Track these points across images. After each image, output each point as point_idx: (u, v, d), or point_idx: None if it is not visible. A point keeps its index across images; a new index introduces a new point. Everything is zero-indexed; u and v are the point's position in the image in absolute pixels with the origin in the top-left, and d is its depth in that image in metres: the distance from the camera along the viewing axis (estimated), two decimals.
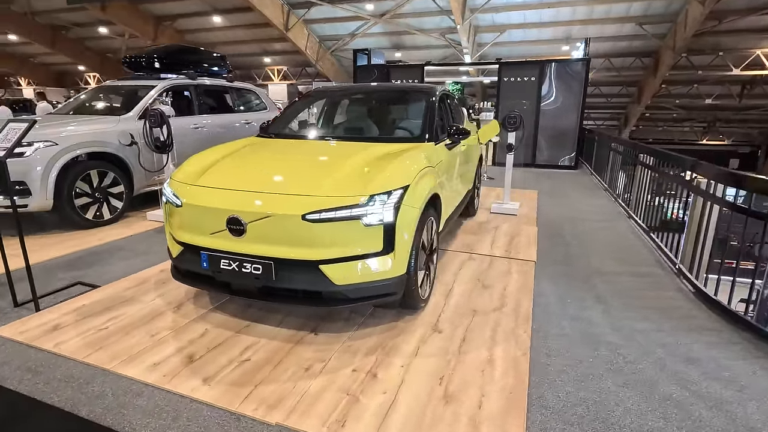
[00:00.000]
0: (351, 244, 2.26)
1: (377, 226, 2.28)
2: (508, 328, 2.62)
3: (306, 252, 2.24)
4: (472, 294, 3.09)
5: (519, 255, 3.90)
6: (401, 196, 2.37)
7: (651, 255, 3.99)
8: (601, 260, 3.83)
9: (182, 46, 7.18)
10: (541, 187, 7.32)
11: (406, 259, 2.43)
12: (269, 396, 1.98)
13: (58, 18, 18.80)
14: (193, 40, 19.35)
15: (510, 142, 5.43)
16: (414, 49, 17.29)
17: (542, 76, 9.71)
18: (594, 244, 4.30)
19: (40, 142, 4.20)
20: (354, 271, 2.29)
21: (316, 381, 2.10)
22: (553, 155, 9.97)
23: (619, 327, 2.67)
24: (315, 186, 2.33)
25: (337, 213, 2.21)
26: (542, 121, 9.87)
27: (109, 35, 19.48)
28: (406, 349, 2.38)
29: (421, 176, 2.62)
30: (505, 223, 4.97)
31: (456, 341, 2.46)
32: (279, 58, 20.27)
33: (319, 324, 2.63)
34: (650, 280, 3.41)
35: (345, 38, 17.05)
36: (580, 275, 3.48)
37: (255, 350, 2.36)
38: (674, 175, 3.93)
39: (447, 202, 3.36)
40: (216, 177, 2.53)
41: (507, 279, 3.36)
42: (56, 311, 2.77)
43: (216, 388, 2.04)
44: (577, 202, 6.20)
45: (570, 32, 14.87)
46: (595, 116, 24.11)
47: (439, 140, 3.35)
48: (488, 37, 15.63)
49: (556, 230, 4.75)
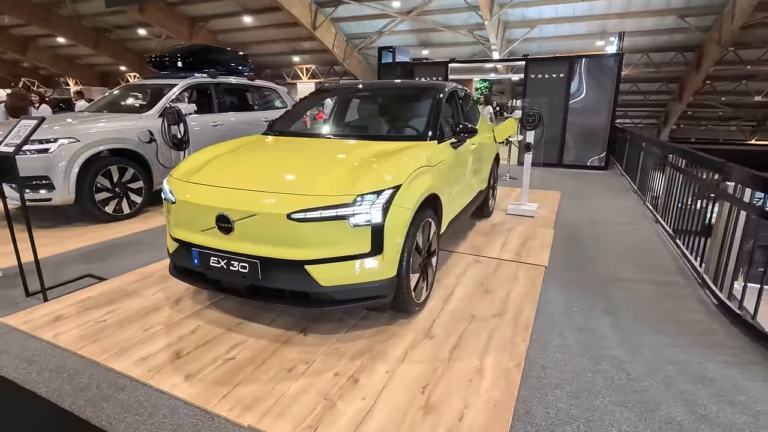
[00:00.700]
0: (337, 244, 2.21)
1: (365, 226, 2.22)
2: (505, 336, 2.50)
3: (291, 252, 2.20)
4: (473, 299, 2.98)
5: (529, 259, 3.73)
6: (391, 196, 2.30)
7: (674, 262, 3.73)
8: (618, 267, 3.61)
9: (205, 45, 7.35)
10: (565, 189, 7.03)
11: (396, 261, 2.35)
12: (247, 396, 1.96)
13: (101, 21, 19.77)
14: (225, 40, 19.89)
15: (528, 141, 5.23)
16: (441, 46, 17.07)
17: (571, 72, 9.34)
18: (613, 249, 4.06)
19: (64, 139, 4.39)
20: (340, 273, 2.24)
21: (296, 383, 2.06)
22: (581, 155, 9.57)
23: (627, 340, 2.49)
24: (302, 185, 2.29)
25: (322, 213, 2.16)
26: (571, 119, 9.50)
27: (148, 36, 20.31)
28: (394, 355, 2.30)
29: (415, 176, 2.53)
30: (520, 225, 4.78)
31: (447, 348, 2.37)
32: (308, 56, 20.51)
33: (309, 324, 2.59)
34: (669, 290, 3.18)
35: (372, 36, 17.04)
36: (593, 282, 3.29)
37: (241, 349, 2.35)
38: (699, 177, 3.65)
39: (450, 202, 3.25)
40: (209, 174, 2.54)
41: (512, 284, 3.22)
42: (62, 302, 2.87)
43: (196, 385, 2.03)
44: (602, 205, 5.90)
45: (605, 26, 14.25)
46: (633, 114, 23.03)
47: (444, 139, 3.24)
48: (518, 33, 15.21)
49: (574, 234, 4.53)
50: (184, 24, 17.92)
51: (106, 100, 5.99)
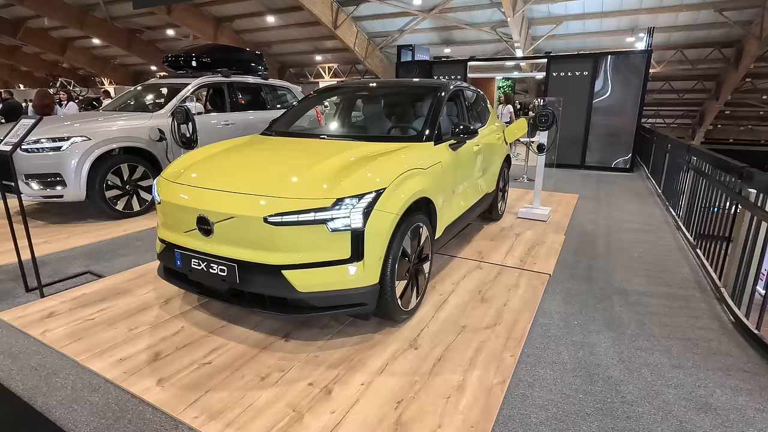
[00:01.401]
0: (315, 249, 2.14)
1: (344, 231, 2.13)
2: (495, 349, 2.36)
3: (268, 256, 2.14)
4: (467, 307, 2.85)
5: (534, 267, 3.56)
6: (373, 200, 2.20)
7: (692, 274, 3.47)
8: (630, 277, 3.39)
9: (219, 44, 7.43)
10: (584, 191, 6.74)
11: (378, 268, 2.26)
12: (215, 404, 1.91)
13: (133, 22, 20.44)
14: (250, 40, 20.22)
15: (541, 142, 5.02)
16: (464, 44, 16.78)
17: (596, 70, 8.97)
18: (626, 257, 3.83)
19: (76, 137, 4.50)
20: (319, 279, 2.16)
21: (267, 392, 2.00)
22: (605, 156, 9.19)
23: (628, 358, 2.31)
24: (281, 187, 2.22)
25: (299, 216, 2.09)
26: (594, 118, 9.14)
27: (176, 37, 20.85)
28: (373, 365, 2.21)
29: (403, 179, 2.43)
30: (529, 230, 4.59)
31: (430, 361, 2.26)
32: (330, 55, 20.58)
33: (293, 330, 2.53)
34: (683, 305, 2.95)
35: (393, 35, 16.93)
36: (599, 294, 3.10)
37: (220, 353, 2.31)
38: (720, 182, 3.38)
39: (447, 206, 3.13)
40: (194, 175, 2.51)
41: (511, 293, 3.07)
42: (57, 299, 2.92)
43: (168, 390, 2.00)
44: (621, 209, 5.62)
45: (636, 22, 13.65)
46: (666, 114, 22.01)
47: (442, 140, 3.12)
48: (543, 30, 14.76)
49: (586, 240, 4.31)
50: (209, 24, 18.29)
51: (125, 98, 6.13)
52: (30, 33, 22.80)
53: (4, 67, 29.39)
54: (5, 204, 3.04)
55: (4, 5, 19.07)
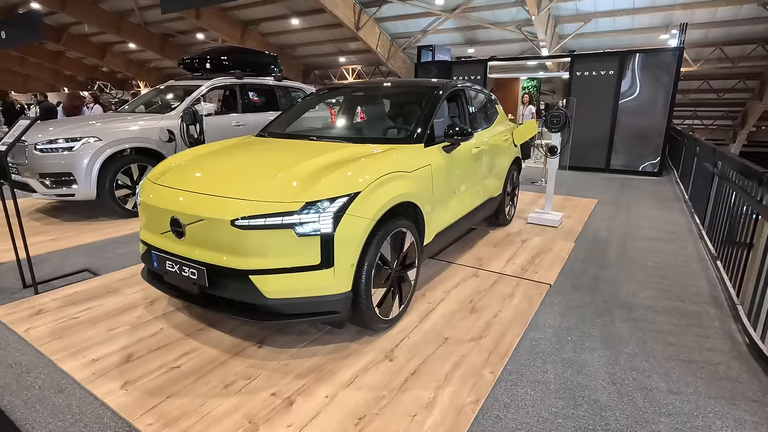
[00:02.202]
0: (283, 255, 2.06)
1: (313, 236, 2.05)
2: (475, 364, 2.22)
3: (236, 260, 2.09)
4: (454, 318, 2.71)
5: (534, 276, 3.37)
6: (345, 205, 2.11)
7: (709, 288, 3.20)
8: (638, 290, 3.16)
9: (233, 46, 7.52)
10: (605, 196, 6.41)
11: (350, 275, 2.16)
12: (172, 411, 1.87)
13: (166, 27, 21.18)
14: (275, 43, 20.55)
15: (553, 144, 4.79)
16: (488, 43, 16.44)
17: (623, 69, 8.56)
18: (638, 268, 3.58)
19: (87, 138, 4.63)
20: (287, 285, 2.09)
21: (227, 401, 1.94)
22: (632, 159, 8.75)
23: (621, 380, 2.12)
24: (252, 190, 2.16)
25: (267, 220, 2.03)
26: (621, 119, 8.72)
27: (206, 40, 21.45)
28: (343, 377, 2.12)
29: (381, 182, 2.32)
30: (537, 236, 4.38)
31: (403, 374, 2.14)
32: (354, 57, 20.63)
33: (269, 335, 2.47)
34: (693, 322, 2.71)
35: (416, 35, 16.78)
36: (601, 307, 2.89)
37: (191, 357, 2.27)
38: (740, 188, 3.09)
39: (440, 211, 3.00)
40: (174, 176, 2.49)
41: (505, 303, 2.90)
42: (49, 296, 2.97)
43: (131, 394, 1.98)
44: (641, 215, 5.29)
45: (671, 18, 12.96)
46: (703, 115, 20.83)
47: (435, 142, 2.99)
48: (570, 28, 14.26)
49: (597, 248, 4.07)
50: (236, 28, 18.70)
51: (141, 100, 6.30)
52: (72, 39, 24.04)
53: (49, 71, 31.10)
54: (4, 203, 3.11)
55: (48, 13, 20.17)
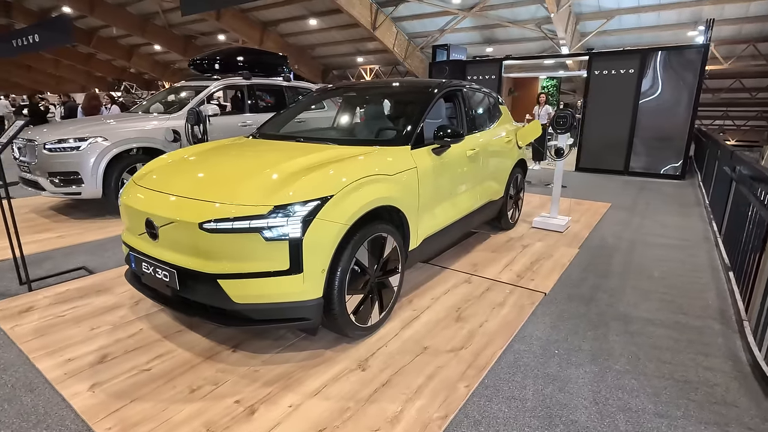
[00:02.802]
0: (251, 259, 2.02)
1: (281, 241, 2.00)
2: (450, 377, 2.13)
3: (204, 264, 2.06)
4: (438, 326, 2.62)
5: (530, 284, 3.24)
6: (315, 209, 2.05)
7: (718, 301, 3.00)
8: (640, 301, 2.98)
9: (242, 47, 7.60)
10: (620, 200, 6.16)
11: (321, 281, 2.10)
12: (133, 416, 1.85)
13: (189, 29, 21.69)
14: (294, 43, 20.75)
15: (560, 146, 4.61)
16: (507, 42, 16.13)
17: (644, 67, 8.22)
18: (643, 278, 3.39)
19: (94, 138, 4.74)
20: (255, 290, 2.04)
21: (190, 407, 1.91)
22: (653, 162, 8.39)
23: (604, 399, 1.99)
24: (223, 192, 2.13)
25: (234, 224, 1.99)
26: (641, 120, 8.38)
27: (227, 42, 21.84)
28: (311, 386, 2.06)
29: (358, 185, 2.25)
30: (540, 242, 4.23)
31: (374, 385, 2.07)
32: (371, 57, 20.63)
33: (245, 340, 2.44)
34: (694, 338, 2.53)
35: (434, 34, 16.63)
36: (596, 319, 2.74)
37: (164, 360, 2.26)
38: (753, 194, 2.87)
39: (428, 215, 2.91)
40: (154, 178, 2.49)
41: (494, 312, 2.79)
42: (42, 293, 3.03)
43: (97, 396, 1.97)
44: (656, 221, 5.05)
45: (699, 14, 12.40)
46: (735, 115, 19.85)
47: (423, 144, 2.90)
48: (592, 26, 13.83)
49: (602, 255, 3.88)
50: (256, 29, 18.97)
51: (154, 100, 6.42)
52: (101, 41, 24.90)
53: (81, 72, 32.30)
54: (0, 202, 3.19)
55: (79, 17, 20.94)
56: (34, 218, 4.97)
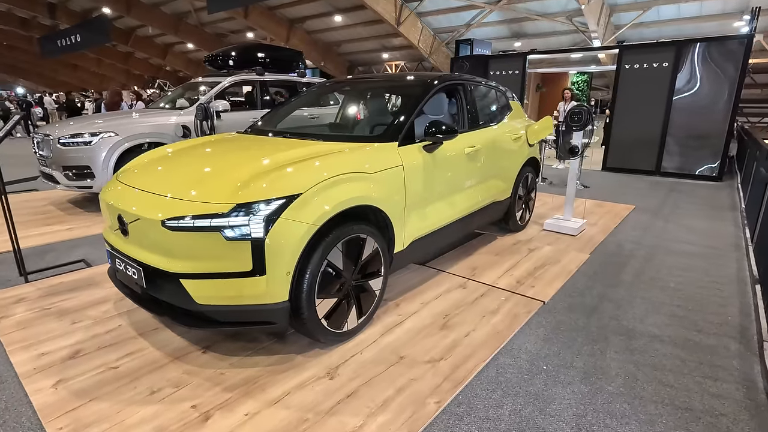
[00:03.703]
0: (213, 259, 1.94)
1: (243, 241, 1.91)
2: (421, 391, 1.98)
3: (167, 262, 2.00)
4: (420, 334, 2.47)
5: (529, 291, 3.03)
6: (280, 208, 1.95)
7: (740, 318, 2.70)
8: (648, 314, 2.73)
9: (257, 43, 7.62)
10: (646, 202, 5.77)
11: (286, 284, 2.00)
12: (87, 416, 1.81)
13: (219, 27, 22.17)
14: (321, 40, 20.84)
15: (574, 144, 4.33)
16: (536, 36, 15.56)
17: (680, 60, 7.70)
18: (657, 288, 3.11)
19: (105, 133, 4.84)
20: (218, 291, 1.97)
21: (146, 409, 1.85)
22: (688, 162, 7.86)
23: (588, 426, 1.79)
24: (190, 189, 2.06)
25: (195, 222, 1.91)
26: (675, 117, 7.86)
27: (256, 39, 22.19)
28: (273, 393, 1.97)
29: (330, 184, 2.13)
30: (549, 245, 3.98)
31: (338, 396, 1.95)
32: (397, 53, 20.44)
33: (218, 341, 2.38)
34: (706, 359, 2.27)
35: (460, 29, 16.26)
36: (596, 332, 2.52)
37: (134, 358, 2.22)
38: None
39: (418, 215, 2.75)
40: (133, 173, 2.46)
41: (483, 321, 2.61)
42: (37, 285, 3.08)
43: (58, 393, 1.95)
44: (682, 226, 4.67)
45: (747, 3, 11.50)
46: None
47: (414, 141, 2.75)
48: (627, 17, 13.12)
49: (614, 262, 3.61)
50: (283, 26, 19.16)
51: (171, 96, 6.53)
52: (138, 40, 25.89)
53: (121, 71, 33.74)
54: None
55: (117, 17, 21.82)
56: (51, 210, 5.14)
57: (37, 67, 35.74)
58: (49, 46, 18.87)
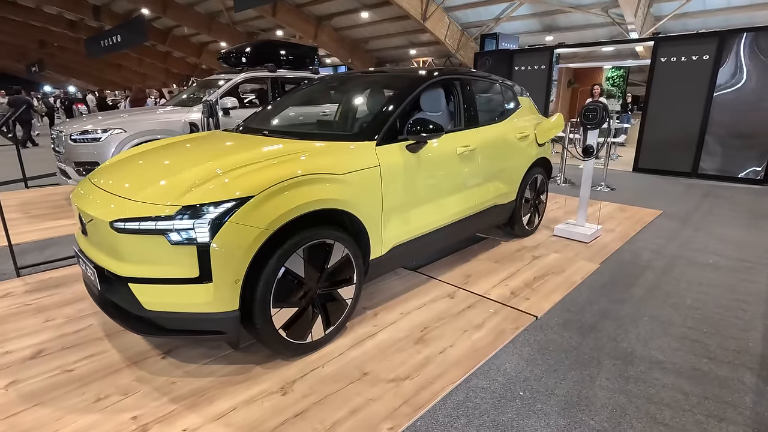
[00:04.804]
0: (159, 263, 1.85)
1: (188, 246, 1.80)
2: (376, 414, 1.81)
3: (117, 265, 1.92)
4: (393, 348, 2.29)
5: (522, 304, 2.78)
6: (228, 211, 1.82)
7: (762, 345, 2.35)
8: (654, 336, 2.43)
9: (270, 40, 7.59)
10: (676, 207, 5.32)
11: (235, 292, 1.87)
12: (26, 423, 1.76)
13: (250, 25, 22.55)
14: (348, 37, 20.81)
15: (589, 143, 4.00)
16: (570, 29, 14.85)
17: (723, 52, 7.07)
18: (669, 305, 2.79)
19: (114, 129, 4.92)
20: (165, 297, 1.87)
21: (84, 419, 1.78)
22: (730, 164, 7.23)
23: None
24: (144, 189, 1.98)
25: (141, 224, 1.82)
26: (716, 115, 7.25)
27: (285, 37, 22.44)
28: (219, 407, 1.85)
29: (288, 186, 1.98)
30: (556, 253, 3.69)
31: (286, 414, 1.81)
32: (425, 49, 20.10)
33: (180, 346, 2.29)
34: (713, 393, 1.97)
35: (488, 23, 15.75)
36: (588, 355, 2.26)
37: (92, 361, 2.17)
38: None
39: (398, 219, 2.57)
40: (103, 172, 2.41)
41: (464, 336, 2.40)
42: (27, 280, 3.13)
43: (8, 395, 1.92)
44: (713, 235, 4.24)
45: None
46: None
47: (396, 140, 2.57)
48: (668, 8, 12.25)
49: (626, 274, 3.29)
50: (311, 24, 19.25)
51: (183, 94, 6.61)
52: (175, 40, 26.79)
53: (161, 70, 35.11)
54: None
55: (155, 17, 22.64)
56: (64, 205, 5.29)
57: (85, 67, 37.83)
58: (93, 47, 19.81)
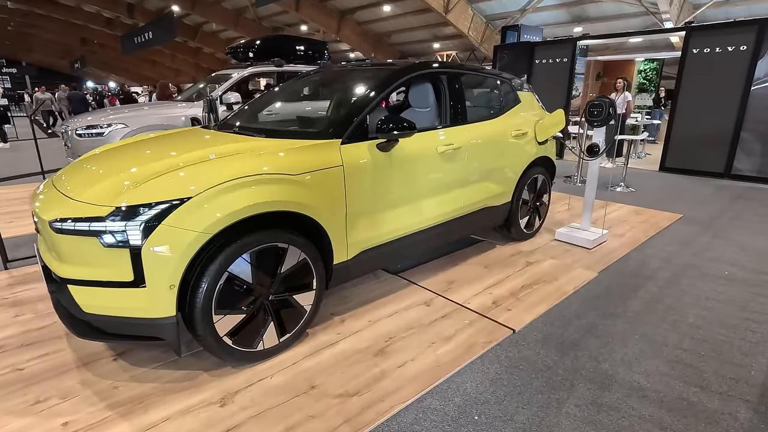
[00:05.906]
0: (93, 265, 1.78)
1: (121, 248, 1.73)
2: None
3: (57, 265, 1.88)
4: (350, 359, 2.17)
5: (501, 315, 2.59)
6: (162, 213, 1.73)
7: (765, 375, 2.08)
8: (643, 358, 2.19)
9: (278, 35, 7.58)
10: (698, 211, 4.92)
11: (170, 298, 1.79)
12: None
13: (275, 21, 22.76)
14: (371, 30, 20.65)
15: (594, 141, 3.71)
16: (600, 20, 14.14)
17: (763, 42, 6.48)
18: (669, 323, 2.53)
19: (116, 124, 5.00)
20: (101, 300, 1.81)
21: (17, 423, 1.74)
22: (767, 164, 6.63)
23: None
24: (86, 189, 1.92)
25: (76, 225, 1.76)
26: (753, 110, 6.68)
27: (309, 32, 22.52)
28: (153, 416, 1.78)
29: (231, 187, 1.87)
30: (553, 259, 3.45)
31: (219, 428, 1.71)
32: (449, 42, 19.69)
33: (135, 349, 2.24)
34: (699, 428, 1.73)
35: (514, 15, 15.22)
36: (563, 376, 2.05)
37: (45, 360, 2.15)
38: None
39: (367, 222, 2.43)
40: (67, 171, 2.38)
41: (429, 350, 2.25)
42: (12, 273, 3.18)
43: None
44: (732, 243, 3.87)
45: None
46: None
47: (366, 138, 2.42)
48: None
49: (626, 285, 3.02)
50: (333, 18, 19.19)
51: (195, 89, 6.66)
52: (205, 36, 27.40)
53: (192, 65, 36.04)
54: None
55: (184, 14, 23.20)
56: None
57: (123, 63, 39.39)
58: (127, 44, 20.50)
